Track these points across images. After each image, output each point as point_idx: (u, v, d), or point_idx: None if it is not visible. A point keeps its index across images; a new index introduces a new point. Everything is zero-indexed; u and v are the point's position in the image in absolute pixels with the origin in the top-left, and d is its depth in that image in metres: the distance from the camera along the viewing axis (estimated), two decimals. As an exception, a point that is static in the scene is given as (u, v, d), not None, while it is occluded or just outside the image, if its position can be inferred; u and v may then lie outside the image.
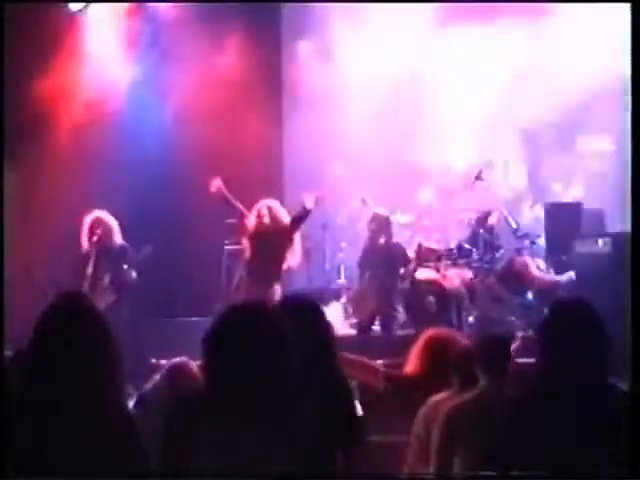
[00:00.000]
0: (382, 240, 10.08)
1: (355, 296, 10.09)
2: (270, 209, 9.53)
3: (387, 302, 9.96)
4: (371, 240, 10.17)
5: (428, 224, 11.19)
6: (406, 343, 5.92)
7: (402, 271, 10.14)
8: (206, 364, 3.12)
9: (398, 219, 11.27)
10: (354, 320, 10.28)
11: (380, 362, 6.23)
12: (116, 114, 11.46)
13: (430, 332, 5.59)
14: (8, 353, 4.32)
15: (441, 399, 5.00)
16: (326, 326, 4.25)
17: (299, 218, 9.46)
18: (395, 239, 10.68)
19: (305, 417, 3.11)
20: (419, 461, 4.97)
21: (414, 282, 10.38)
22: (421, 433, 5.02)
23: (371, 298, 9.88)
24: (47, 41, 10.98)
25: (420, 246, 10.45)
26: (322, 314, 4.28)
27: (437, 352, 5.31)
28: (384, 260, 9.98)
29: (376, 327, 10.13)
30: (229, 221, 10.04)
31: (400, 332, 10.38)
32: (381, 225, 10.12)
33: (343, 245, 11.24)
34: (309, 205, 9.33)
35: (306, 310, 4.16)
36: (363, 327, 9.95)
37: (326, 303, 10.06)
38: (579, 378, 3.42)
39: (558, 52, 11.72)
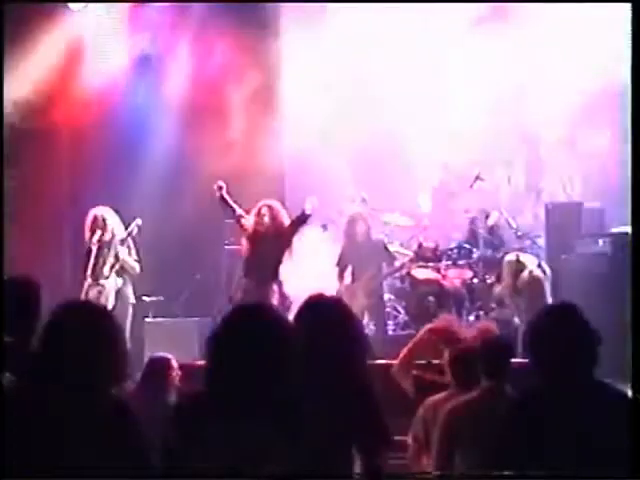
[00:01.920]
0: (362, 238, 10.01)
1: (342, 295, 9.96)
2: (270, 209, 9.54)
3: (376, 300, 9.92)
4: (350, 239, 10.09)
5: (428, 224, 11.16)
6: (405, 343, 5.89)
7: (387, 268, 10.13)
8: (209, 364, 3.13)
9: (399, 219, 11.26)
10: None
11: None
12: (116, 114, 11.46)
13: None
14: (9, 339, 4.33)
15: (439, 400, 4.99)
16: (352, 325, 4.03)
17: (299, 222, 9.51)
18: (395, 239, 10.69)
19: (305, 417, 3.11)
20: (418, 461, 4.97)
21: (414, 282, 10.37)
22: (420, 434, 5.02)
23: (359, 296, 9.82)
24: (47, 41, 10.98)
25: (420, 246, 10.44)
26: (350, 313, 4.08)
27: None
28: (366, 257, 9.93)
29: (370, 327, 10.10)
30: (229, 221, 10.05)
31: (399, 332, 10.39)
32: (361, 223, 10.07)
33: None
34: (309, 209, 9.39)
35: (332, 309, 3.99)
36: None
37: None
38: (575, 378, 3.43)
39: (558, 52, 11.70)
